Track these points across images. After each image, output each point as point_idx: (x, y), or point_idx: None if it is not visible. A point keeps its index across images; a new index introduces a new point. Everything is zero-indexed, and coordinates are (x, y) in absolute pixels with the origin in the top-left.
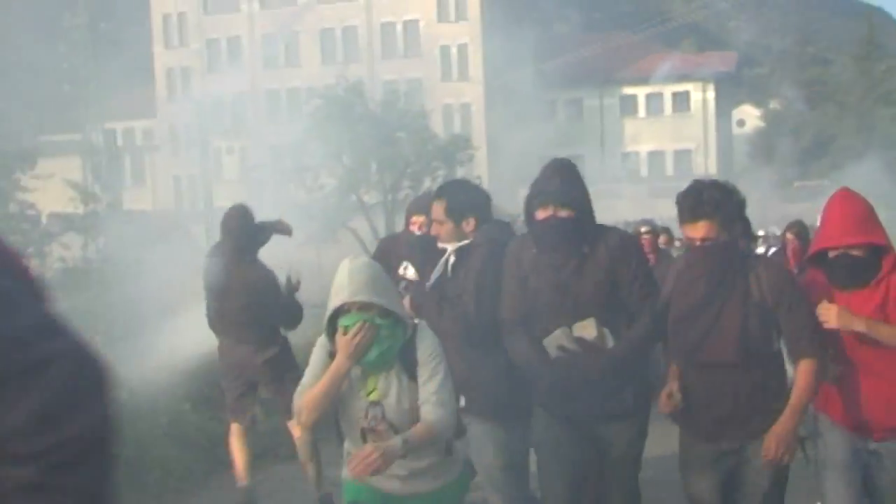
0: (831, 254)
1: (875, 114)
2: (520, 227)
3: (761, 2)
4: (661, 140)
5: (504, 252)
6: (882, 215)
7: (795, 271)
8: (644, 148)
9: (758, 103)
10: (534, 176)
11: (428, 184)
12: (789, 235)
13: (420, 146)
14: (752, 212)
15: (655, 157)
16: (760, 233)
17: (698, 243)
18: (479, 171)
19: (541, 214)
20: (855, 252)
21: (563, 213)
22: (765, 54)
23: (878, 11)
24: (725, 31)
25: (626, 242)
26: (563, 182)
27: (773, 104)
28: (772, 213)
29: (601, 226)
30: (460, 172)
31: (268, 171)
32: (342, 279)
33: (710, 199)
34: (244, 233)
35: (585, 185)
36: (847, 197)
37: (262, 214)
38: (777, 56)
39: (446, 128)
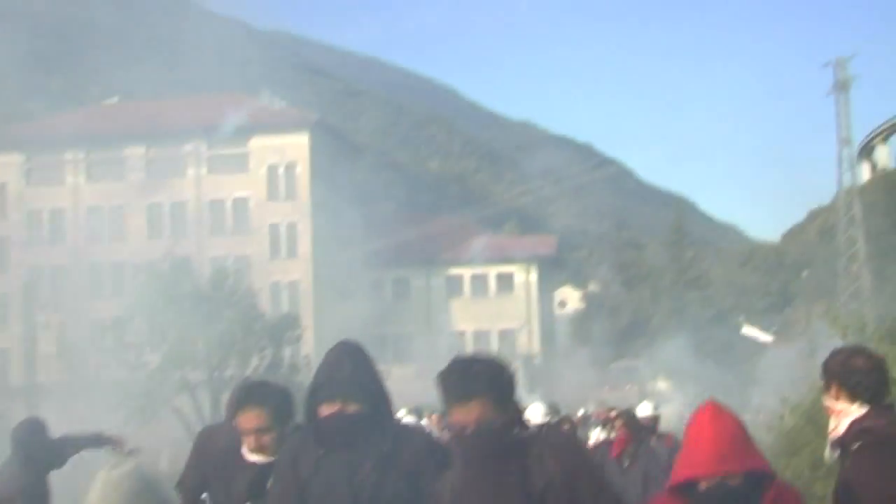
0: (703, 485)
1: (685, 297)
2: None
3: (579, 187)
4: (486, 320)
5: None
6: (690, 391)
7: (626, 463)
8: (470, 327)
9: (578, 285)
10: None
11: (256, 363)
12: (618, 423)
13: (248, 325)
14: (571, 392)
15: (481, 336)
16: (580, 412)
17: (471, 429)
18: (306, 350)
19: (325, 410)
20: (732, 481)
21: (353, 408)
22: (583, 238)
23: (684, 201)
24: (546, 215)
25: (433, 446)
26: (352, 371)
27: (592, 286)
28: (590, 393)
29: (403, 425)
30: (288, 352)
31: (87, 347)
32: (95, 496)
33: (482, 375)
34: (33, 451)
35: (380, 374)
36: (717, 415)
37: (80, 394)
38: (594, 240)
39: (274, 306)
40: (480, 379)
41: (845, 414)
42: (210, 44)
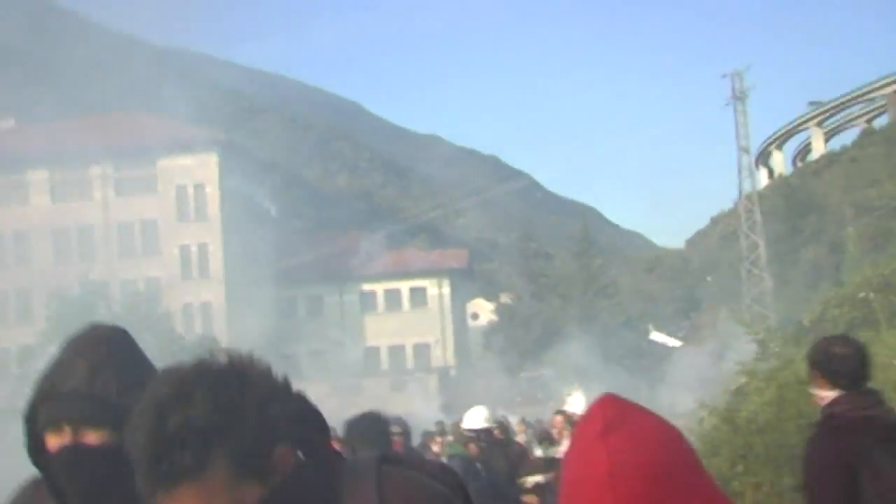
0: None
1: (595, 305)
2: None
3: (487, 200)
4: (400, 334)
5: None
6: (597, 391)
7: None
8: (384, 342)
9: (489, 297)
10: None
11: None
12: (558, 418)
13: (165, 348)
14: (485, 404)
15: (396, 350)
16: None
17: None
18: None
19: (53, 441)
20: None
21: (94, 438)
22: (493, 250)
23: (591, 210)
24: (455, 228)
25: None
26: (93, 378)
27: (504, 297)
28: (502, 405)
29: None
30: None
31: None
32: None
33: (194, 436)
34: None
35: (145, 380)
36: (617, 425)
37: None
38: (504, 251)
39: (187, 327)
40: (190, 445)
41: (826, 400)
42: (106, 62)
